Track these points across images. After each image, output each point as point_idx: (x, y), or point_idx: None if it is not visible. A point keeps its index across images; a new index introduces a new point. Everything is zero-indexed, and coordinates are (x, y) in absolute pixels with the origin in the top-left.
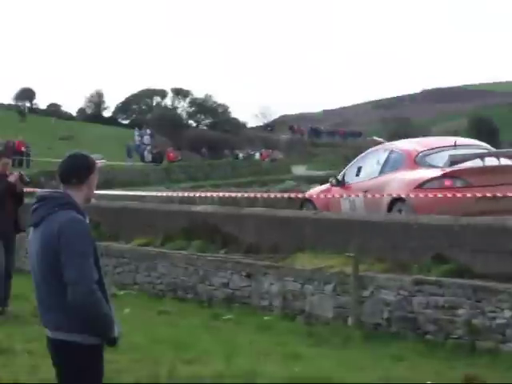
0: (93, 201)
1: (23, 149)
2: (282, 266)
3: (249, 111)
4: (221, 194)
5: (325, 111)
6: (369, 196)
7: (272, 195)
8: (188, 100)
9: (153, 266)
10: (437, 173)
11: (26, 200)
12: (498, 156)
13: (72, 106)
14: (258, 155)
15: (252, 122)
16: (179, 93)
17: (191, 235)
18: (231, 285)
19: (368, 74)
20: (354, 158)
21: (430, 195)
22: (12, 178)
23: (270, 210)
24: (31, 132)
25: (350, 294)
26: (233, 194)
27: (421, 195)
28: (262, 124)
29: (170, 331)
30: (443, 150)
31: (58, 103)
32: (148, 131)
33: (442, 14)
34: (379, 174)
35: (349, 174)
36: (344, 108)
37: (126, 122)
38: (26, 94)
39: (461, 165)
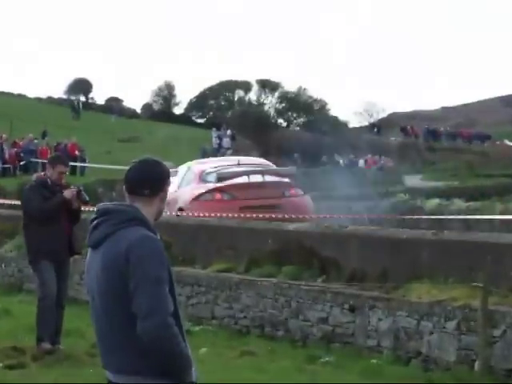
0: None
1: (77, 153)
2: (394, 298)
3: (351, 108)
4: None
5: (443, 108)
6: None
7: None
8: (277, 94)
9: (235, 297)
10: (208, 188)
11: (84, 216)
12: (263, 173)
13: (136, 100)
14: (361, 162)
15: (355, 122)
16: (266, 85)
17: (282, 259)
18: (331, 320)
19: (496, 64)
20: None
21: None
22: (68, 194)
23: (377, 229)
24: (86, 132)
25: (477, 332)
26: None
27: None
28: (367, 124)
29: (255, 376)
30: (225, 168)
31: (119, 97)
32: (228, 132)
33: None
34: (178, 187)
35: None
36: (467, 105)
37: (201, 120)
38: (81, 85)
39: (227, 181)
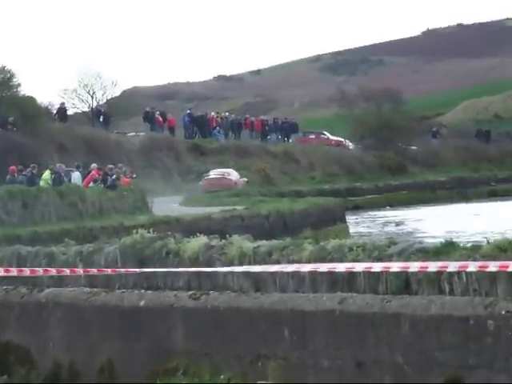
0: None
1: None
2: None
3: (56, 84)
4: None
5: (216, 81)
6: None
7: None
8: None
9: None
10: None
11: None
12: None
13: None
14: (76, 176)
15: (68, 107)
16: None
17: None
18: None
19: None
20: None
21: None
22: None
23: (90, 293)
24: None
25: None
26: None
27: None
28: (88, 109)
29: None
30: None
31: None
32: None
33: None
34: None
35: None
36: (260, 72)
37: None
38: None
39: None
